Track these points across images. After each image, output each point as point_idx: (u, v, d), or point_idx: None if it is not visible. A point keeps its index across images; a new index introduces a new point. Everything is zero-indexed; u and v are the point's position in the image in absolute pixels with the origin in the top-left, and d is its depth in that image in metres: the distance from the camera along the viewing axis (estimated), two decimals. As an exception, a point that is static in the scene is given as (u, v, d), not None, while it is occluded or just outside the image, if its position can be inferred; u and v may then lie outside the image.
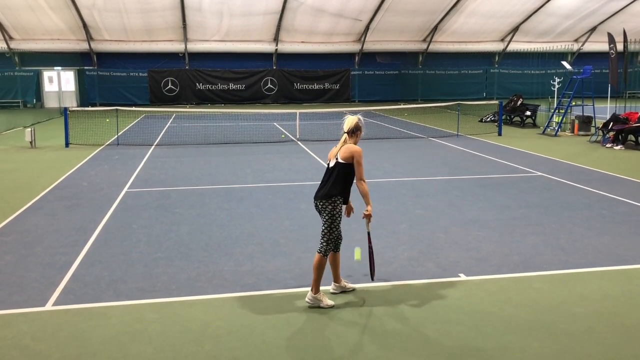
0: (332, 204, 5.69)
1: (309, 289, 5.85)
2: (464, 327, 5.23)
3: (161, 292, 6.07)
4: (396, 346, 4.89)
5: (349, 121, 5.89)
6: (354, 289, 6.09)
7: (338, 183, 5.73)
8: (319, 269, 5.70)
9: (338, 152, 5.82)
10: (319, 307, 5.66)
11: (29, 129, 17.44)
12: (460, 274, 6.53)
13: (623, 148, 16.48)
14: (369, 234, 5.97)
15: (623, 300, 5.80)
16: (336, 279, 6.04)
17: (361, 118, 5.96)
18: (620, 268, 6.72)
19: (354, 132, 5.88)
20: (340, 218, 5.77)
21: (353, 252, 6.03)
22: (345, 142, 5.85)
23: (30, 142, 17.16)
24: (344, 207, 5.95)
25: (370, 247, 5.99)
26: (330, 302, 5.71)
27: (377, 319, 5.42)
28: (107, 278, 6.48)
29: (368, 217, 5.81)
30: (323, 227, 5.75)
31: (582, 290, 6.05)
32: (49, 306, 5.74)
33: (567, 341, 4.95)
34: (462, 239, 7.84)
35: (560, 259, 7.04)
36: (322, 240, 5.74)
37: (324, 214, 5.72)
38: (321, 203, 5.75)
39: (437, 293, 6.01)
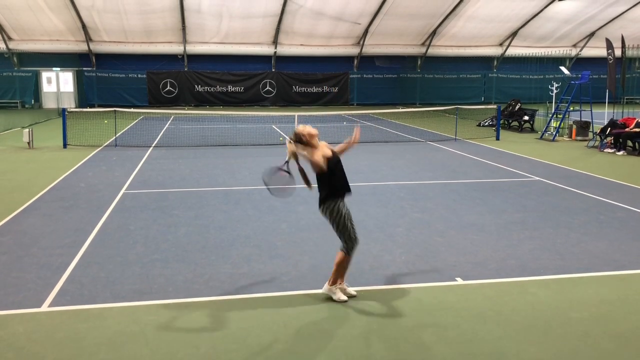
0: (328, 209, 5.79)
1: (306, 291, 5.90)
2: (460, 331, 5.23)
3: (158, 294, 6.06)
4: (393, 350, 4.88)
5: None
6: (355, 296, 5.95)
7: (322, 188, 5.85)
8: (340, 266, 5.82)
9: None
10: (332, 299, 5.80)
11: (27, 130, 17.41)
12: (457, 278, 6.53)
13: (625, 153, 16.49)
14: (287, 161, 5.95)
15: (619, 305, 5.81)
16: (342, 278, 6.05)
17: (297, 129, 5.89)
18: (617, 273, 6.73)
19: (301, 142, 5.82)
20: (344, 218, 5.77)
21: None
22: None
23: (28, 143, 17.13)
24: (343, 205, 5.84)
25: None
26: (343, 297, 5.80)
27: (373, 322, 5.41)
28: (103, 279, 6.47)
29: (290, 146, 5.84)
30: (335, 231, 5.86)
31: (578, 295, 6.06)
32: (45, 307, 5.73)
33: (563, 346, 4.96)
34: (459, 243, 7.85)
35: (557, 263, 7.05)
36: (341, 240, 5.84)
37: (328, 221, 5.85)
38: (321, 211, 5.89)
39: (434, 297, 6.01)
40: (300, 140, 5.83)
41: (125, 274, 6.65)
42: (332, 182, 5.82)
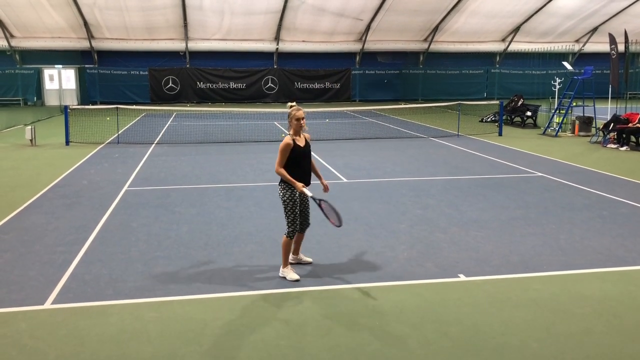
0: (282, 190, 6.36)
1: (308, 288, 5.95)
2: (462, 327, 5.23)
3: (160, 291, 6.06)
4: (395, 346, 4.88)
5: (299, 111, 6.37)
6: (310, 262, 6.83)
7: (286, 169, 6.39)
8: (285, 249, 6.44)
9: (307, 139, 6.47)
10: (285, 279, 6.35)
11: (30, 127, 17.43)
12: (459, 275, 6.53)
13: (628, 149, 16.43)
14: (313, 198, 6.32)
15: (622, 301, 5.80)
16: (295, 252, 6.80)
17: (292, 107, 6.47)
18: (620, 269, 6.71)
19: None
20: (293, 204, 6.33)
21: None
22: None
23: (31, 140, 17.16)
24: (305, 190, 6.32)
25: (320, 206, 6.40)
26: (295, 277, 6.31)
27: (376, 318, 5.41)
28: (106, 276, 6.48)
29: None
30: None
31: (581, 291, 6.05)
32: (47, 304, 5.74)
33: (566, 342, 4.95)
34: (461, 239, 7.84)
35: (560, 259, 7.03)
36: (286, 223, 6.46)
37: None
38: (279, 189, 6.46)
39: (437, 293, 6.01)
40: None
41: (127, 271, 6.66)
42: (293, 170, 6.27)
